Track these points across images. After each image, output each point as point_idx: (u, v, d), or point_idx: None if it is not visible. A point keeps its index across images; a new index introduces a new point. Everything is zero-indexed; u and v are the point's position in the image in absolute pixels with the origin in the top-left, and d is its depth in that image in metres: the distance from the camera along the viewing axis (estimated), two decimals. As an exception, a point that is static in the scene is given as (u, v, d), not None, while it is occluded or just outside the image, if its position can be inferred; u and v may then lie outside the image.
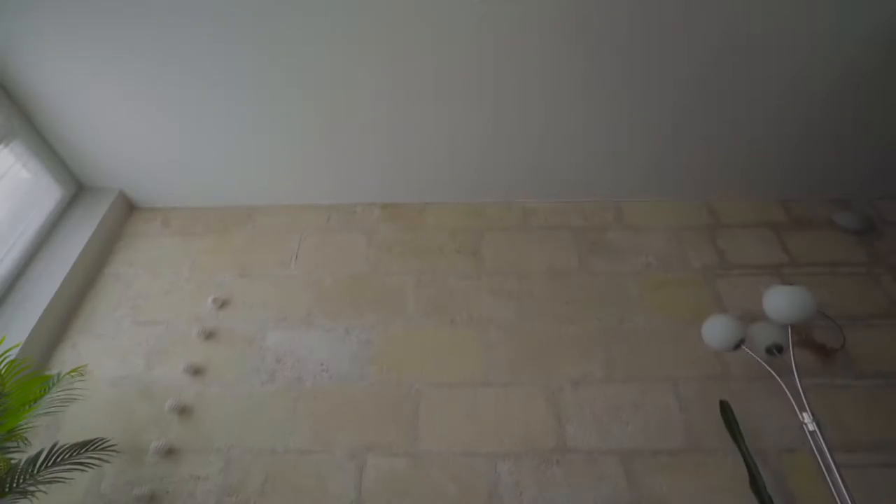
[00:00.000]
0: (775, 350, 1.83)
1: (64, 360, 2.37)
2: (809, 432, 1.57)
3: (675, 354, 2.35)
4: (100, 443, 2.00)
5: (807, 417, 1.59)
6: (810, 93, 2.47)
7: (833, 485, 1.50)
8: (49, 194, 2.72)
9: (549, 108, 2.52)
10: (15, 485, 1.68)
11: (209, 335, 2.45)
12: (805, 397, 2.19)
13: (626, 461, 2.05)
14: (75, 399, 2.20)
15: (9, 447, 1.81)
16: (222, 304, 2.57)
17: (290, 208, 2.98)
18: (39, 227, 2.64)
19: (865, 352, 2.37)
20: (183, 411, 2.22)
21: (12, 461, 1.81)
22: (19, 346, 2.20)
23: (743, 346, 1.85)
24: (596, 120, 2.59)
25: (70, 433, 2.12)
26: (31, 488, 1.72)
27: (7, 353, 1.84)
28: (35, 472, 1.78)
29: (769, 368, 1.81)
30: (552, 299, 2.54)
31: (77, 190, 2.88)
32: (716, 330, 1.88)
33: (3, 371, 1.79)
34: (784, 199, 2.98)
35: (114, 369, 2.37)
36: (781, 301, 1.73)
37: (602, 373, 2.29)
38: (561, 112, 2.55)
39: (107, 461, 2.04)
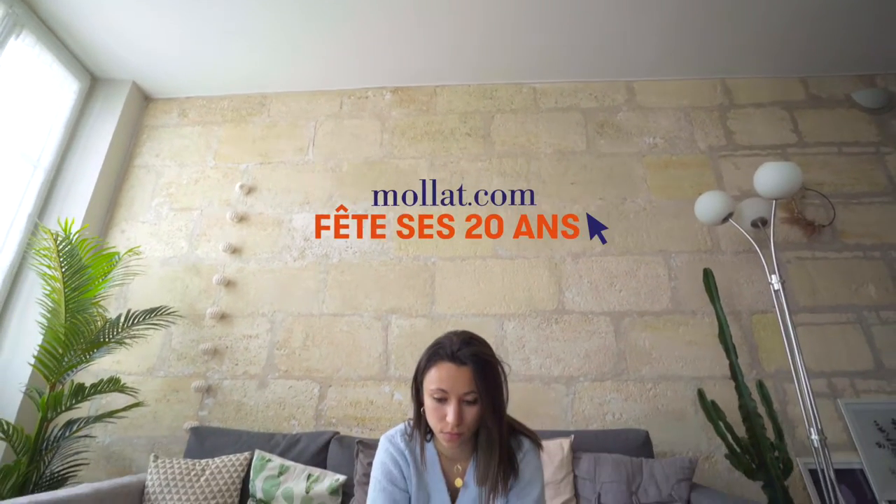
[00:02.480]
0: (760, 223, 1.98)
1: (117, 244, 2.65)
2: (774, 292, 1.79)
3: (670, 231, 2.53)
4: (164, 309, 2.36)
5: (774, 279, 1.80)
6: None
7: (786, 336, 1.76)
8: (67, 87, 2.77)
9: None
10: (111, 336, 2.04)
11: (241, 219, 2.68)
12: (778, 264, 2.41)
13: (615, 320, 2.36)
14: (136, 274, 2.53)
15: (93, 313, 2.16)
16: (249, 191, 2.75)
17: (302, 95, 3.00)
18: (66, 122, 2.74)
19: (852, 228, 2.52)
20: (228, 284, 2.54)
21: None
22: (87, 227, 2.47)
23: (730, 220, 2.01)
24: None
25: (137, 303, 2.47)
26: (127, 340, 2.10)
27: (80, 232, 2.10)
28: (120, 329, 2.15)
29: (750, 239, 1.98)
30: (558, 180, 2.66)
31: (91, 82, 2.92)
32: (706, 205, 2.01)
33: (80, 247, 2.05)
34: (804, 75, 2.88)
35: (162, 250, 2.66)
36: (767, 176, 1.83)
37: (601, 247, 2.50)
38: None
39: (173, 323, 2.43)
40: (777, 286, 1.78)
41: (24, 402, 2.20)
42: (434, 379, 0.97)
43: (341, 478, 1.79)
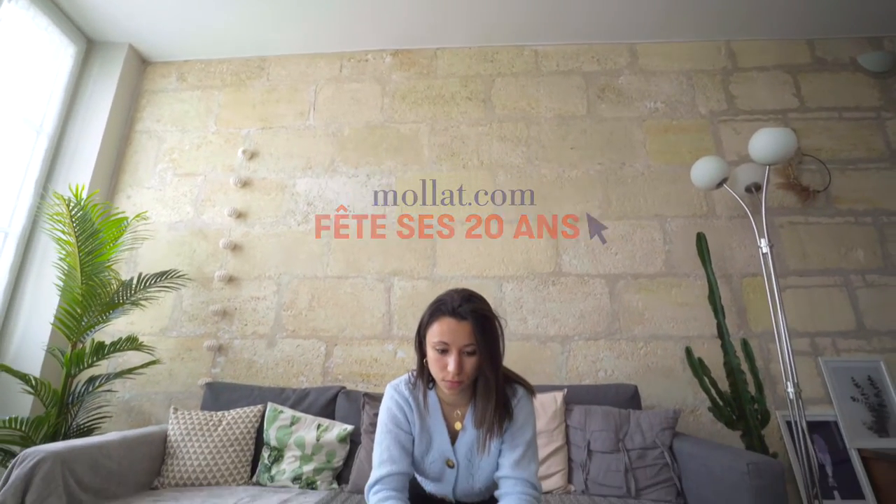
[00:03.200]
0: (753, 189, 2.03)
1: (124, 209, 2.69)
2: (762, 255, 1.86)
3: (667, 196, 2.57)
4: (174, 272, 2.44)
5: (763, 242, 1.86)
6: None
7: (771, 297, 1.84)
8: (63, 51, 2.74)
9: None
10: (125, 298, 2.13)
11: (245, 184, 2.72)
12: (771, 229, 2.47)
13: (610, 283, 2.45)
14: (145, 239, 2.59)
15: (107, 276, 2.24)
16: (251, 156, 2.78)
17: (301, 58, 2.97)
18: (66, 86, 2.74)
19: (846, 194, 2.56)
20: (235, 248, 2.62)
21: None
22: (98, 193, 2.51)
23: (725, 185, 2.05)
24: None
25: (146, 267, 2.55)
26: (142, 302, 2.19)
27: (91, 197, 2.16)
28: (134, 291, 2.24)
29: (743, 203, 2.03)
30: (558, 145, 2.68)
31: (87, 46, 2.88)
32: (702, 170, 2.05)
33: (91, 212, 2.11)
34: (810, 37, 2.84)
35: (168, 215, 2.71)
36: (762, 142, 1.85)
37: (598, 211, 2.56)
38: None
39: (183, 285, 2.52)
40: (765, 249, 1.85)
41: (46, 359, 2.32)
42: (436, 332, 1.05)
43: (349, 427, 1.92)
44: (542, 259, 2.49)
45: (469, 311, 1.05)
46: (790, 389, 1.70)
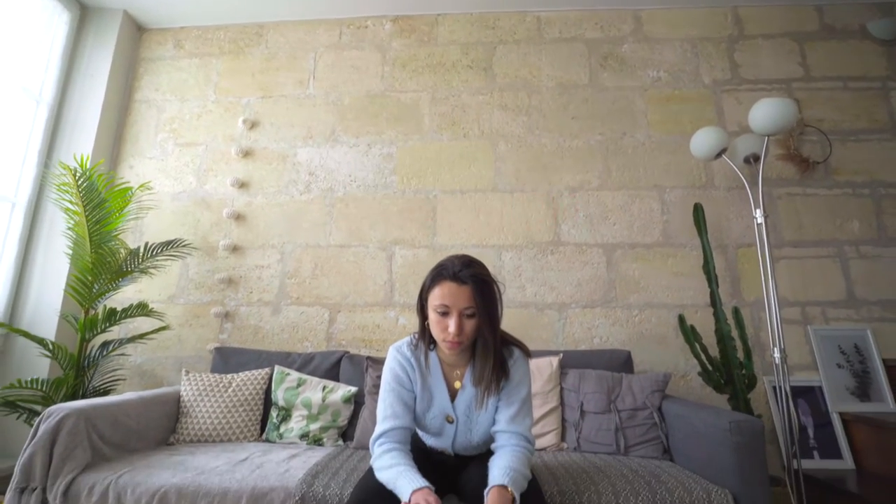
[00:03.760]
0: (752, 159, 2.04)
1: (127, 180, 2.72)
2: (757, 225, 1.90)
3: (667, 166, 2.58)
4: (179, 242, 2.48)
5: (758, 213, 1.90)
6: None
7: (762, 265, 1.89)
8: (58, 18, 2.70)
9: None
10: (134, 266, 2.19)
11: (246, 153, 2.73)
12: (769, 200, 2.50)
13: (608, 252, 2.49)
14: (150, 209, 2.63)
15: (115, 244, 2.29)
16: (252, 126, 2.78)
17: (300, 25, 2.92)
18: (62, 54, 2.71)
19: (845, 165, 2.57)
20: (238, 217, 2.65)
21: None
22: (102, 163, 2.53)
23: (724, 156, 2.06)
24: None
25: (152, 236, 2.60)
26: (151, 270, 2.25)
27: (96, 167, 2.18)
28: (142, 260, 2.29)
29: (741, 174, 2.05)
30: (559, 114, 2.68)
31: (81, 12, 2.83)
32: (701, 140, 2.06)
33: (98, 182, 2.14)
34: (819, 2, 2.78)
35: (171, 185, 2.74)
36: (761, 112, 1.85)
37: (598, 182, 2.58)
38: None
39: (189, 254, 2.57)
40: (760, 220, 1.88)
41: (59, 325, 2.40)
42: (438, 295, 1.11)
43: (353, 389, 2.01)
44: (541, 229, 2.53)
45: (469, 275, 1.10)
46: (776, 355, 1.77)
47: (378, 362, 2.00)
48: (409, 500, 0.98)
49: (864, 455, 2.14)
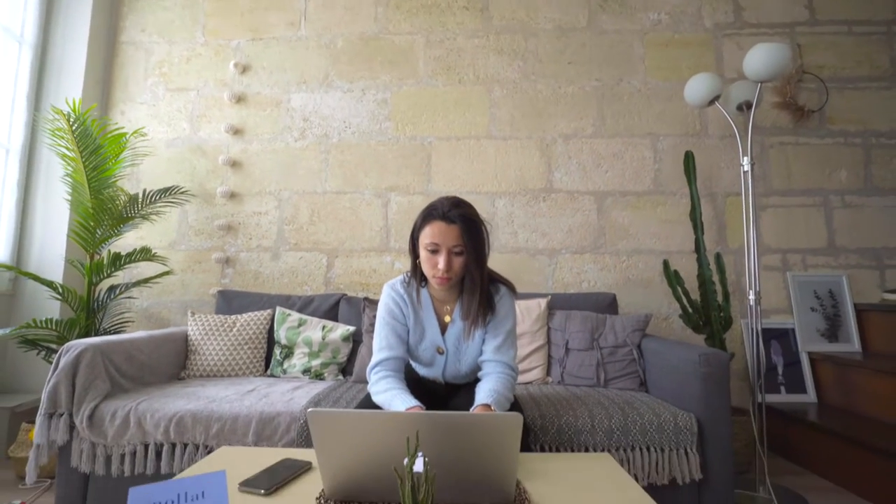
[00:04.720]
0: (745, 107, 2.04)
1: (121, 125, 2.69)
2: (743, 172, 1.93)
3: (661, 114, 2.58)
4: (177, 188, 2.51)
5: (745, 160, 1.93)
6: None
7: (745, 214, 1.94)
8: (34, -53, 2.57)
9: None
10: (134, 213, 2.23)
11: (239, 99, 2.70)
12: (761, 149, 2.52)
13: (599, 199, 2.54)
14: (145, 155, 2.63)
15: (115, 191, 2.31)
16: (243, 70, 2.72)
17: (288, -40, 2.78)
18: (41, -12, 2.60)
19: (841, 114, 2.57)
20: (234, 164, 2.67)
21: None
22: (95, 107, 2.50)
23: (717, 103, 2.06)
24: None
25: (149, 183, 2.62)
26: (153, 216, 2.29)
27: (89, 112, 2.17)
28: (141, 206, 2.33)
29: (732, 122, 2.06)
30: (556, 59, 2.63)
31: (57, -60, 2.68)
32: (695, 86, 2.05)
33: (92, 127, 2.14)
34: (831, -62, 2.66)
35: (165, 132, 2.72)
36: (755, 58, 1.83)
37: (592, 129, 2.58)
38: None
39: (187, 201, 2.61)
40: (747, 168, 1.92)
41: (65, 269, 2.47)
42: (428, 234, 1.17)
43: (351, 328, 2.13)
44: (534, 175, 2.56)
45: (458, 215, 1.16)
46: (751, 297, 1.87)
47: (375, 303, 2.10)
48: (403, 417, 1.09)
49: (827, 390, 2.31)
